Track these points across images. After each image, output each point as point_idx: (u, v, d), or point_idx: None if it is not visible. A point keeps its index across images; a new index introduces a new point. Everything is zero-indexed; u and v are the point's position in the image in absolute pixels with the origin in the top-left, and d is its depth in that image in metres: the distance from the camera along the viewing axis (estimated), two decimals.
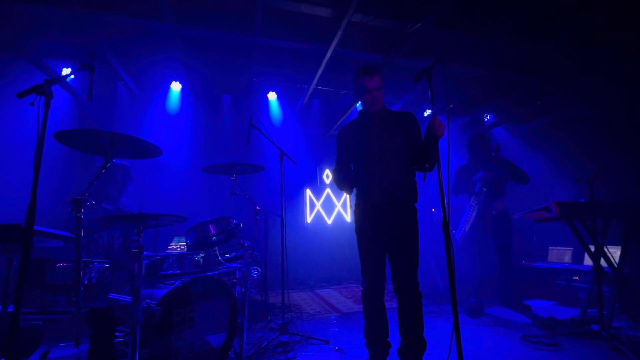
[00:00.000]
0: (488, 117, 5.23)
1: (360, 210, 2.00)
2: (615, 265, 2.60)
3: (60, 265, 1.81)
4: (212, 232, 2.19)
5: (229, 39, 3.26)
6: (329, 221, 5.23)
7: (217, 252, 2.44)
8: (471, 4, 2.84)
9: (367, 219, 1.95)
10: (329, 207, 5.30)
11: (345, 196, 5.39)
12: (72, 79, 3.58)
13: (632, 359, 2.00)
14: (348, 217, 5.33)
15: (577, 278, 3.41)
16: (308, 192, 5.22)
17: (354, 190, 2.08)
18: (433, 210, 4.14)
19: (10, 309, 1.44)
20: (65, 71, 3.49)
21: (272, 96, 4.48)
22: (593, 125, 4.14)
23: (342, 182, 2.03)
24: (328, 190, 5.33)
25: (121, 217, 1.69)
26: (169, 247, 3.42)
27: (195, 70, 3.89)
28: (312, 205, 5.22)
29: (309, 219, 5.15)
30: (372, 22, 2.95)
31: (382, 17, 2.92)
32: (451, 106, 4.23)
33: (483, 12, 2.94)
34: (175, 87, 4.09)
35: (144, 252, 1.59)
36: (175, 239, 3.46)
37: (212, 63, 3.74)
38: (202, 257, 2.29)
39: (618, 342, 2.20)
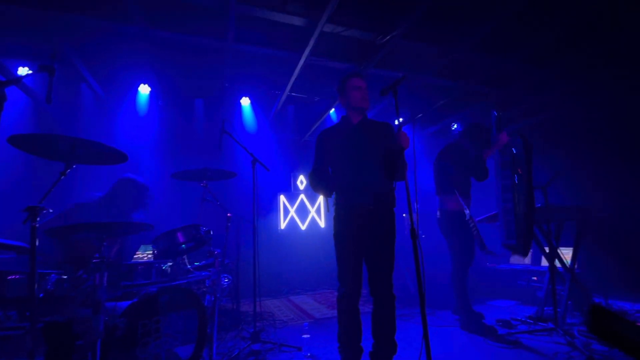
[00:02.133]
0: (455, 126, 5.48)
1: (341, 214, 2.02)
2: (568, 265, 2.80)
3: (12, 278, 1.70)
4: (181, 240, 2.14)
5: (201, 43, 3.22)
6: (303, 227, 5.24)
7: (186, 261, 2.38)
8: (438, 19, 2.99)
9: (349, 223, 1.98)
10: (303, 213, 5.31)
11: (319, 202, 5.43)
12: (31, 80, 3.38)
13: (583, 352, 2.16)
14: (322, 222, 5.36)
15: (535, 278, 3.63)
16: (282, 198, 5.20)
17: (333, 194, 2.09)
18: (404, 215, 4.26)
19: None
20: (22, 72, 3.30)
21: (245, 102, 4.45)
22: (550, 134, 4.47)
23: (319, 185, 2.04)
24: (302, 196, 5.34)
25: (83, 225, 1.61)
26: (135, 256, 3.28)
27: (165, 73, 3.81)
28: (286, 212, 5.21)
29: (283, 225, 5.13)
30: (344, 33, 3.03)
31: (354, 28, 3.01)
32: (420, 115, 4.41)
33: (450, 27, 3.11)
34: (144, 90, 3.97)
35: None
36: (142, 247, 3.33)
37: (182, 67, 3.67)
38: (170, 265, 2.22)
39: (571, 337, 2.36)
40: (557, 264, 2.78)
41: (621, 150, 3.74)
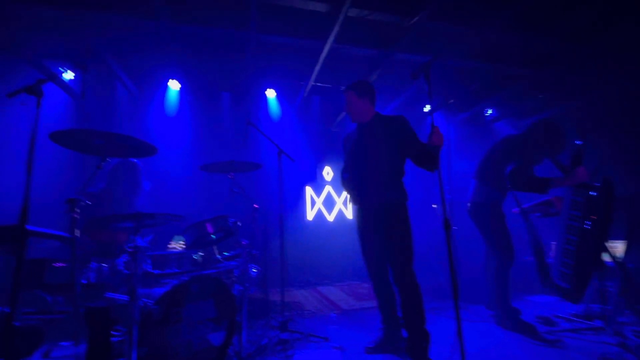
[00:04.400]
0: (490, 112, 5.17)
1: (353, 212, 2.27)
2: (620, 260, 2.56)
3: (59, 266, 1.82)
4: (210, 231, 2.18)
5: (225, 35, 3.23)
6: (330, 218, 5.22)
7: (216, 251, 2.44)
8: None
9: (358, 220, 2.27)
10: (329, 204, 5.28)
11: (346, 193, 5.37)
12: (72, 79, 3.57)
13: (636, 354, 1.97)
14: (349, 213, 5.31)
15: None
16: (308, 190, 5.20)
17: None
18: (434, 206, 4.11)
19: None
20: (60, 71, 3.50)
21: (270, 94, 4.45)
22: (593, 118, 4.09)
23: (343, 189, 2.38)
24: (329, 188, 5.31)
25: (117, 216, 1.68)
26: (169, 246, 3.42)
27: (193, 68, 3.88)
28: (313, 203, 5.21)
29: (310, 216, 5.14)
30: (369, 17, 2.92)
31: (379, 11, 2.89)
32: (451, 101, 4.18)
33: (480, 4, 2.89)
34: (174, 85, 4.08)
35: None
36: (175, 237, 3.45)
37: (209, 61, 3.72)
38: (201, 255, 2.29)
39: (622, 338, 2.17)
40: (607, 257, 2.55)
41: None
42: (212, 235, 2.25)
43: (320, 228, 5.12)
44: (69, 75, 3.48)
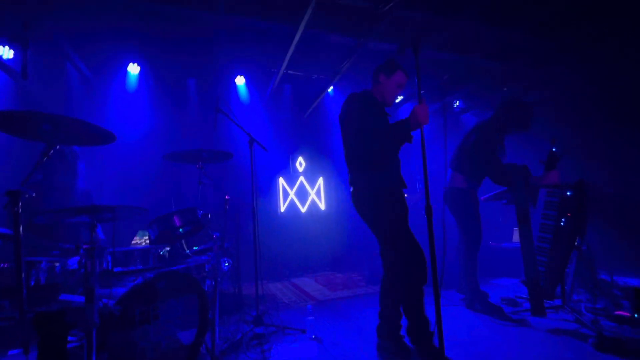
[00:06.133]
0: (457, 103, 5.33)
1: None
2: (575, 243, 2.74)
3: (3, 266, 1.62)
4: (177, 224, 2.05)
5: (190, 16, 3.01)
6: (303, 209, 5.16)
7: (185, 245, 2.30)
8: None
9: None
10: (302, 195, 5.22)
11: (319, 184, 5.33)
12: (11, 58, 3.17)
13: (592, 329, 2.13)
14: (322, 204, 5.29)
15: None
16: (281, 181, 5.10)
17: None
18: (406, 196, 4.18)
19: None
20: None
21: (240, 80, 4.27)
22: (554, 110, 4.33)
23: None
24: (301, 178, 5.24)
25: (70, 209, 1.51)
26: (133, 242, 3.21)
27: (155, 51, 3.60)
28: (286, 194, 5.12)
29: (283, 207, 5.05)
30: (342, 2, 2.84)
31: None
32: (422, 92, 4.22)
33: None
34: (133, 70, 3.78)
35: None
36: (140, 232, 3.24)
37: (172, 43, 3.46)
38: (167, 251, 2.15)
39: (578, 314, 2.33)
40: None
41: (627, 125, 3.63)
42: (179, 229, 2.12)
43: (293, 219, 5.06)
44: (6, 53, 3.09)
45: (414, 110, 1.77)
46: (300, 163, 5.28)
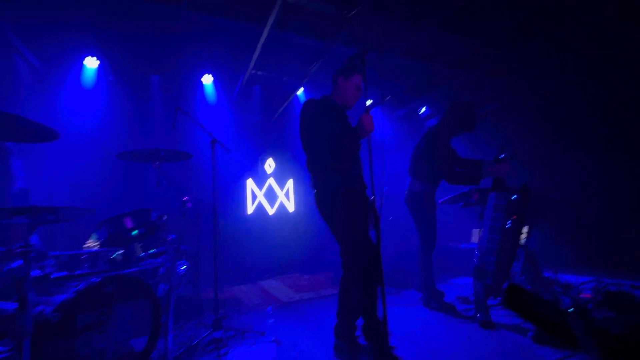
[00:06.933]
0: (423, 110, 5.52)
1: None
2: (522, 243, 2.93)
3: None
4: (129, 226, 1.98)
5: (152, 9, 2.92)
6: (271, 211, 5.13)
7: (138, 248, 2.22)
8: None
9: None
10: (272, 196, 5.18)
11: (289, 186, 5.33)
12: None
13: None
14: (291, 206, 5.28)
15: None
16: (249, 182, 5.04)
17: None
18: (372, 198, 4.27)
19: None
20: None
21: (207, 79, 4.18)
22: (507, 119, 4.62)
23: None
24: (271, 180, 5.21)
25: (5, 210, 1.41)
26: (86, 245, 3.03)
27: (116, 45, 3.45)
28: (254, 196, 5.06)
29: (251, 209, 4.99)
30: (309, 6, 2.87)
31: (317, 1, 2.85)
32: (388, 98, 4.36)
33: (416, 1, 3.03)
34: (91, 64, 3.60)
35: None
36: (93, 235, 3.07)
37: (134, 37, 3.34)
38: (120, 254, 2.06)
39: None
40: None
41: (570, 135, 3.95)
42: (132, 231, 2.04)
43: (261, 222, 5.01)
44: None
45: (360, 119, 1.84)
46: (270, 164, 5.25)
